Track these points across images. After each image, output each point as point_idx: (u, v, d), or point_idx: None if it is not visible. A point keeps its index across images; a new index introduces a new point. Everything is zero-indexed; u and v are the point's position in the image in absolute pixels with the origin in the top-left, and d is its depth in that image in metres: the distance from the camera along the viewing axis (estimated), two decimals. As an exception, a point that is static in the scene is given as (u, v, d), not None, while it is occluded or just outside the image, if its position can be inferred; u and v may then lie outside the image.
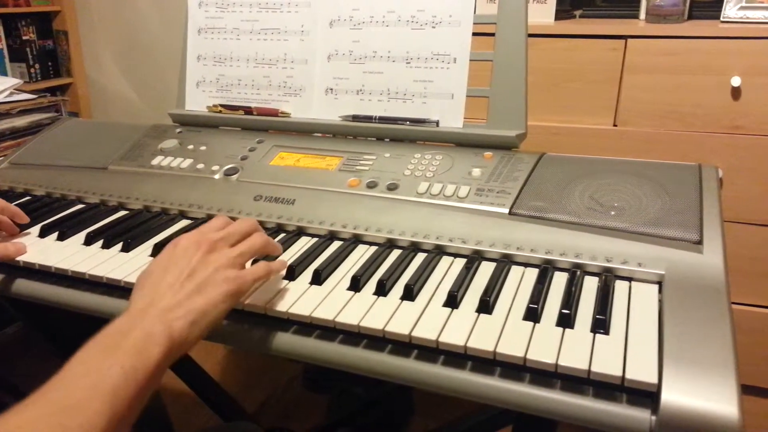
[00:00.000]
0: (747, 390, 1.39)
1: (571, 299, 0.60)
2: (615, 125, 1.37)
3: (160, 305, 0.54)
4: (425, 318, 0.60)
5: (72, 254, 0.77)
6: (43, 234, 0.83)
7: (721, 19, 1.34)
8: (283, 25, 0.99)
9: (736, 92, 1.26)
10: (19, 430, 0.43)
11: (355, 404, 1.44)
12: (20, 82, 1.77)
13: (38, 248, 0.79)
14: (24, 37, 2.37)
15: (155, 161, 0.96)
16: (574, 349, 0.54)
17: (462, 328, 0.57)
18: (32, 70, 2.41)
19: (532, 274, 0.66)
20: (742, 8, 1.32)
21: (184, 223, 0.85)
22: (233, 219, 0.82)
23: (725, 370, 0.50)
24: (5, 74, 2.35)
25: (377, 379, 0.59)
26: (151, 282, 0.57)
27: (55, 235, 0.82)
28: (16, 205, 0.92)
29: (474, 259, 0.69)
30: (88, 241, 0.80)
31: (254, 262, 0.67)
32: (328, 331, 0.62)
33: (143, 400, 0.49)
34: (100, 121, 1.20)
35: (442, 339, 0.56)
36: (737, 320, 0.55)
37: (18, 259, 0.77)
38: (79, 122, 1.18)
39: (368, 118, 0.94)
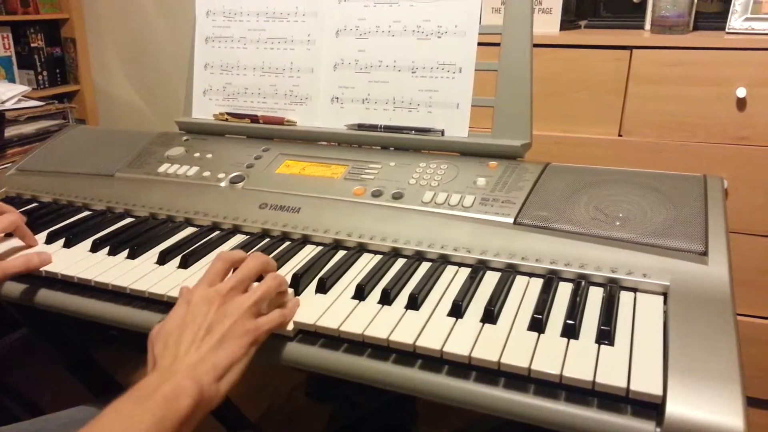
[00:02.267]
0: (753, 402, 1.39)
1: (575, 310, 0.60)
2: (620, 135, 1.37)
3: (186, 360, 0.55)
4: (429, 327, 0.60)
5: (78, 261, 0.77)
6: (49, 240, 0.83)
7: (727, 30, 1.34)
8: (290, 35, 1.00)
9: (741, 103, 1.26)
10: None
11: (358, 414, 1.43)
12: (28, 89, 1.78)
13: (45, 255, 0.79)
14: (32, 45, 2.39)
15: (162, 169, 0.97)
16: (579, 360, 0.53)
17: (466, 338, 0.57)
18: (40, 77, 2.43)
19: (537, 284, 0.66)
20: (748, 19, 1.32)
21: (190, 230, 0.85)
22: (237, 227, 0.83)
23: (731, 382, 0.49)
24: (14, 81, 2.37)
25: (381, 389, 0.59)
26: (173, 341, 0.57)
27: (61, 241, 0.82)
28: (23, 211, 0.93)
29: (479, 268, 0.69)
30: (95, 248, 0.80)
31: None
32: (333, 340, 0.62)
33: None
34: (107, 129, 1.21)
35: (446, 349, 0.56)
36: (742, 332, 0.55)
37: (25, 265, 0.77)
38: (86, 129, 1.18)
39: (373, 127, 0.95)
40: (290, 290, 0.67)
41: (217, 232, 0.83)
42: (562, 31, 1.48)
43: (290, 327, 0.62)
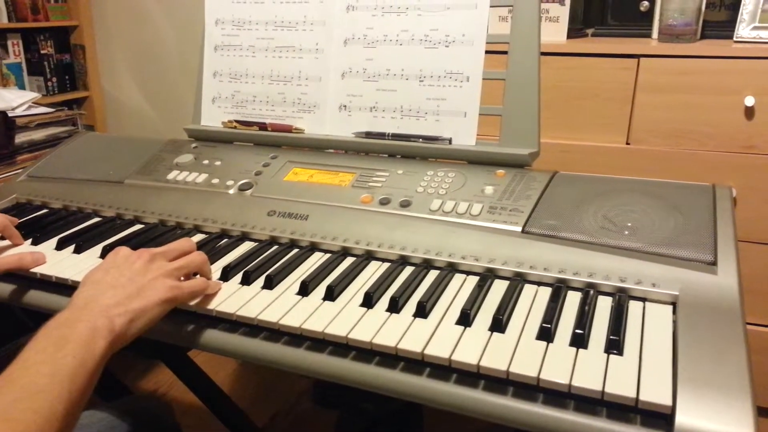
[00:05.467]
0: (763, 412, 1.38)
1: (584, 319, 0.60)
2: (628, 144, 1.37)
3: (101, 302, 0.60)
4: (438, 336, 0.60)
5: (88, 267, 0.77)
6: (59, 247, 0.84)
7: (734, 38, 1.34)
8: (298, 43, 1.01)
9: (749, 112, 1.25)
10: None
11: (364, 421, 1.43)
12: (38, 95, 1.80)
13: (55, 261, 0.80)
14: (42, 51, 2.42)
15: (171, 176, 0.97)
16: (588, 370, 0.53)
17: (475, 347, 0.57)
18: (50, 84, 2.45)
19: (546, 293, 0.66)
20: (756, 28, 1.32)
21: (198, 237, 0.85)
22: (246, 234, 0.84)
23: (740, 392, 0.49)
24: (24, 88, 2.39)
25: (388, 396, 0.59)
26: (93, 281, 0.63)
27: (71, 247, 0.83)
28: (32, 218, 0.93)
29: (487, 277, 0.69)
30: (104, 254, 0.80)
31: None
32: (341, 347, 0.62)
33: (92, 386, 0.55)
34: (116, 136, 1.22)
35: (454, 357, 0.56)
36: (752, 341, 0.55)
37: (35, 271, 0.77)
38: (96, 136, 1.19)
39: (381, 135, 0.95)
40: (297, 297, 0.68)
41: (226, 239, 0.84)
42: (570, 40, 1.48)
43: (296, 323, 0.63)
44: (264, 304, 0.66)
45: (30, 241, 0.86)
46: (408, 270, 0.73)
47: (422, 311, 0.63)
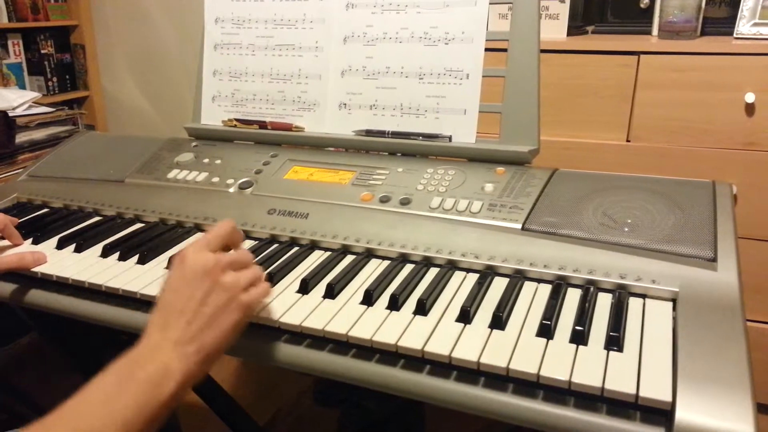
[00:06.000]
0: (763, 409, 1.38)
1: (584, 316, 0.60)
2: (628, 141, 1.37)
3: (173, 337, 0.54)
4: (438, 333, 0.60)
5: (89, 266, 0.78)
6: (60, 246, 0.84)
7: (735, 35, 1.34)
8: (298, 42, 1.01)
9: (749, 108, 1.25)
10: None
11: (366, 419, 1.43)
12: (38, 95, 1.80)
13: (55, 260, 0.80)
14: (42, 51, 2.42)
15: (171, 174, 0.97)
16: (588, 366, 0.53)
17: (475, 344, 0.57)
18: (50, 84, 2.45)
19: (545, 290, 0.66)
20: (756, 24, 1.32)
21: (199, 236, 0.86)
22: (246, 233, 0.84)
23: (740, 389, 0.49)
24: (24, 87, 2.39)
25: (389, 394, 0.59)
26: (165, 307, 0.57)
27: (72, 247, 0.83)
28: (33, 217, 0.93)
29: (487, 274, 0.69)
30: (105, 253, 0.81)
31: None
32: (341, 345, 0.62)
33: (154, 429, 0.50)
34: (117, 135, 1.22)
35: (455, 354, 0.56)
36: (752, 337, 0.55)
37: (36, 270, 0.78)
38: (96, 135, 1.20)
39: (381, 133, 0.95)
40: (298, 295, 0.68)
41: (226, 238, 0.84)
42: (570, 37, 1.48)
43: (297, 321, 0.63)
44: (264, 303, 0.67)
45: (30, 240, 0.86)
46: (408, 267, 0.73)
47: (422, 309, 0.63)
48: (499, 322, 0.60)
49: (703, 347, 0.54)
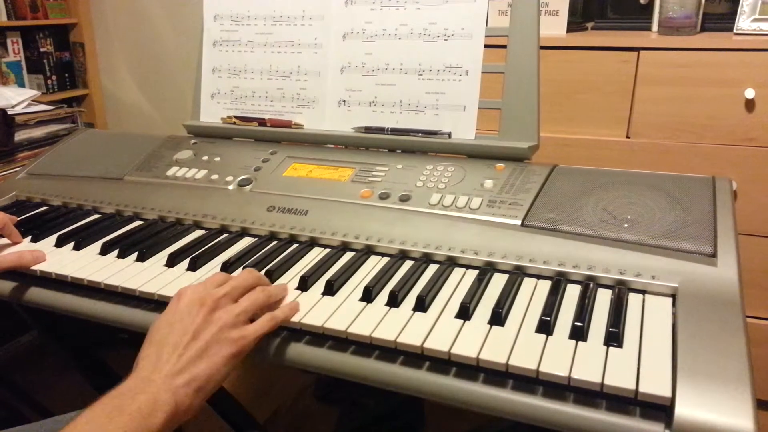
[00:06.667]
0: (762, 405, 1.38)
1: (584, 312, 0.60)
2: (628, 137, 1.37)
3: (164, 370, 0.55)
4: (437, 329, 0.60)
5: (88, 264, 0.78)
6: (59, 244, 0.84)
7: (735, 31, 1.34)
8: (297, 38, 1.00)
9: (749, 104, 1.25)
10: None
11: (366, 416, 1.43)
12: (38, 93, 1.80)
13: (55, 258, 0.80)
14: (42, 49, 2.41)
15: (170, 172, 0.97)
16: (587, 362, 0.53)
17: (474, 340, 0.57)
18: (49, 82, 2.45)
19: (545, 286, 0.66)
20: (756, 20, 1.31)
21: (198, 233, 0.85)
22: (245, 230, 0.84)
23: (740, 384, 0.49)
24: (23, 85, 2.39)
25: (389, 391, 0.59)
26: (158, 341, 0.58)
27: (71, 244, 0.83)
28: (32, 215, 0.93)
29: (486, 270, 0.69)
30: (104, 250, 0.81)
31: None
32: (340, 341, 0.62)
33: None
34: (116, 132, 1.22)
35: (454, 351, 0.56)
36: (752, 334, 0.55)
37: (35, 268, 0.78)
38: (95, 133, 1.19)
39: (381, 130, 0.95)
40: (297, 292, 0.68)
41: (226, 235, 0.84)
42: (569, 33, 1.48)
43: (296, 318, 0.63)
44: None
45: (29, 238, 0.86)
46: (407, 264, 0.73)
47: (422, 305, 0.63)
48: (498, 318, 0.60)
49: (703, 343, 0.54)
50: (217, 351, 0.57)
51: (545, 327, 0.59)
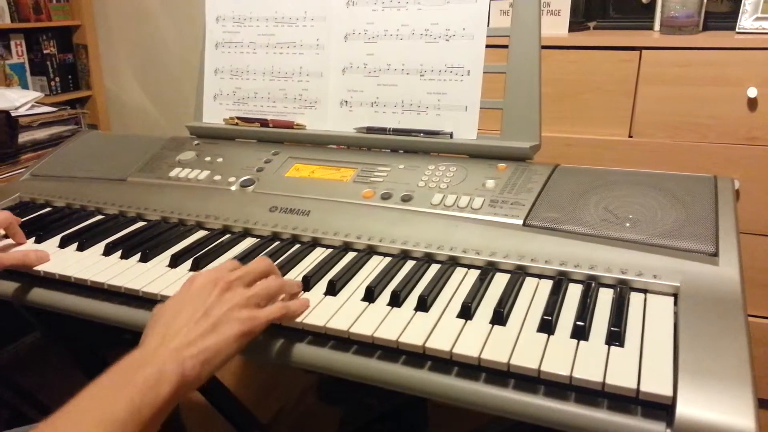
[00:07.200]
0: (763, 404, 1.37)
1: (585, 311, 0.60)
2: (630, 136, 1.37)
3: (173, 343, 0.54)
4: (439, 329, 0.60)
5: (91, 264, 0.78)
6: (62, 245, 0.84)
7: (737, 30, 1.33)
8: (299, 39, 1.01)
9: (752, 103, 1.25)
10: None
11: (368, 416, 1.44)
12: (41, 95, 1.80)
13: (58, 258, 0.80)
14: (45, 51, 2.42)
15: (173, 173, 0.97)
16: (589, 361, 0.53)
17: (476, 340, 0.58)
18: (52, 84, 2.46)
19: (547, 285, 0.66)
20: (758, 19, 1.31)
21: (201, 234, 0.86)
22: (248, 230, 0.84)
23: (742, 383, 0.49)
24: (27, 87, 2.40)
25: (391, 391, 0.60)
26: (166, 319, 0.57)
27: (74, 245, 0.83)
28: (36, 216, 0.94)
29: (488, 270, 0.70)
30: (107, 251, 0.81)
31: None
32: (343, 341, 0.62)
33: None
34: (119, 134, 1.22)
35: (456, 350, 0.56)
36: (754, 333, 0.55)
37: (38, 268, 0.78)
38: (98, 135, 1.20)
39: (382, 130, 0.95)
40: (303, 293, 0.68)
41: (228, 235, 0.84)
42: (571, 33, 1.48)
43: (298, 318, 0.63)
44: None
45: (33, 239, 0.86)
46: (409, 264, 0.73)
47: (423, 305, 0.63)
48: (500, 317, 0.60)
49: (705, 342, 0.54)
50: (227, 329, 0.57)
51: (547, 326, 0.59)
